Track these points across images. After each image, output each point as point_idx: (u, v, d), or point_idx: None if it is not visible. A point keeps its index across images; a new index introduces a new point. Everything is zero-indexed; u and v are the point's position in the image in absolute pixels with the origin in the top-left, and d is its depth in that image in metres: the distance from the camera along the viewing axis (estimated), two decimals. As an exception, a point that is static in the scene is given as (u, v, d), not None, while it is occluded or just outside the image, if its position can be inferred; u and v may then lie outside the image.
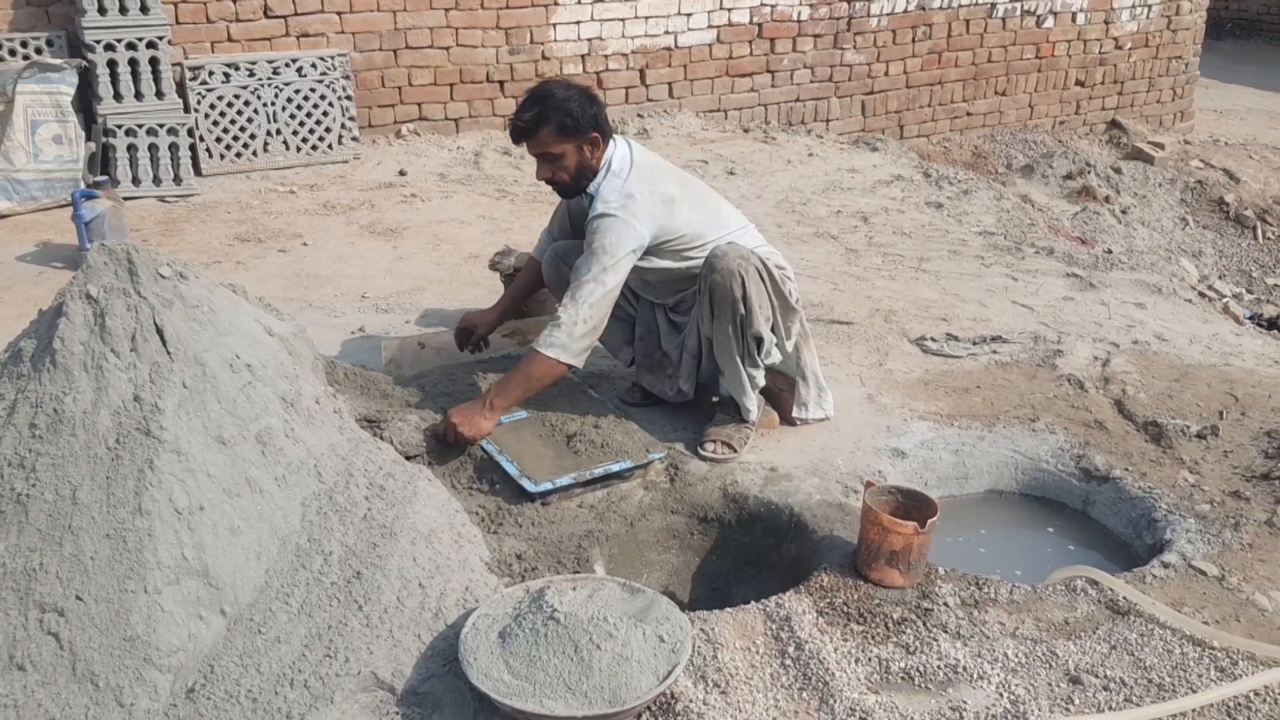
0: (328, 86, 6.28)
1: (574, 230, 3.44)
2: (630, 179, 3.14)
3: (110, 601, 2.15)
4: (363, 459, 2.68)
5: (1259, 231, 7.53)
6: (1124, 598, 2.63)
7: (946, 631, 2.51)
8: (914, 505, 2.74)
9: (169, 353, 2.43)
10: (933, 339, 4.11)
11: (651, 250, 3.19)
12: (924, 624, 2.53)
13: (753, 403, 3.29)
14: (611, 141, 3.19)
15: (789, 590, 2.65)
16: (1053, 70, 8.78)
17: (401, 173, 6.26)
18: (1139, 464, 3.28)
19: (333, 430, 2.72)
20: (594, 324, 3.08)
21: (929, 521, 2.63)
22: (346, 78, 6.34)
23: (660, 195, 3.16)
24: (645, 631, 2.22)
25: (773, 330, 3.24)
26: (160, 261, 2.62)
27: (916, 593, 2.65)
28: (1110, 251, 6.18)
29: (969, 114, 8.57)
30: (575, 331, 3.05)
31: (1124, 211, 7.26)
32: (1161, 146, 8.50)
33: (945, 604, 2.61)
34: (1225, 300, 5.23)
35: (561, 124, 3.07)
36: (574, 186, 3.20)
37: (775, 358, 3.32)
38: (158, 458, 2.30)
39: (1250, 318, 5.53)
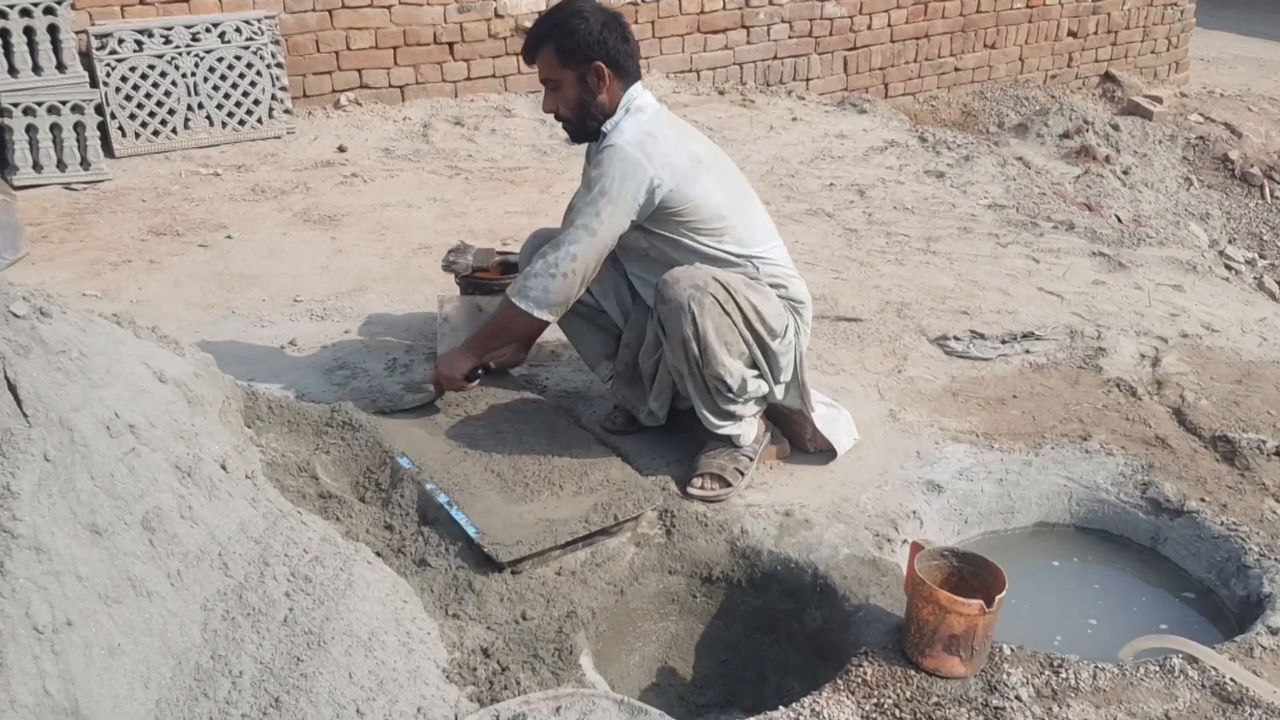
0: (255, 53, 5.64)
1: None
2: (657, 120, 2.75)
3: (-63, 772, 1.62)
4: (282, 540, 2.13)
5: (1266, 190, 7.08)
6: (1231, 679, 2.15)
7: (1027, 741, 2.01)
8: (972, 571, 2.25)
9: (25, 415, 1.94)
10: (956, 338, 3.58)
11: (660, 216, 2.69)
12: (998, 731, 2.03)
13: (740, 428, 2.76)
14: (638, 85, 2.78)
15: (824, 685, 2.14)
16: (1044, 20, 8.26)
17: (341, 149, 5.63)
18: (1216, 492, 2.79)
19: (243, 503, 2.16)
20: (575, 279, 2.68)
21: (996, 599, 2.12)
22: (276, 43, 5.72)
23: (687, 149, 2.72)
24: (655, 783, 1.70)
25: (754, 366, 2.71)
26: (12, 295, 2.11)
27: (981, 684, 2.16)
28: (1120, 219, 5.70)
29: (957, 69, 8.03)
30: (551, 285, 2.67)
31: (1126, 173, 6.77)
32: (1159, 100, 8.03)
33: (1018, 697, 2.12)
34: (1259, 275, 4.75)
35: (561, 45, 2.70)
36: (579, 125, 2.80)
37: (759, 391, 2.77)
38: (9, 558, 1.80)
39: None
